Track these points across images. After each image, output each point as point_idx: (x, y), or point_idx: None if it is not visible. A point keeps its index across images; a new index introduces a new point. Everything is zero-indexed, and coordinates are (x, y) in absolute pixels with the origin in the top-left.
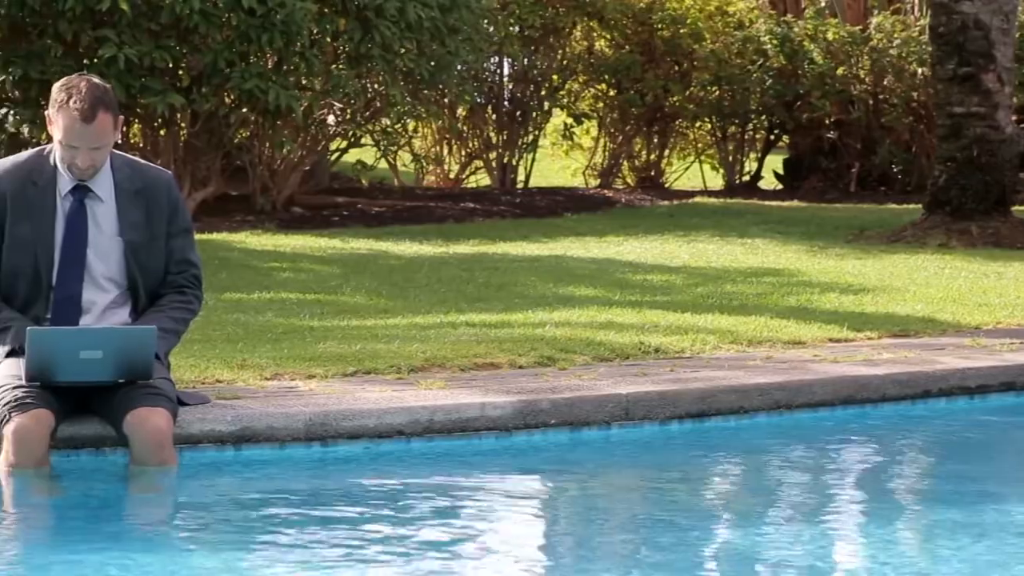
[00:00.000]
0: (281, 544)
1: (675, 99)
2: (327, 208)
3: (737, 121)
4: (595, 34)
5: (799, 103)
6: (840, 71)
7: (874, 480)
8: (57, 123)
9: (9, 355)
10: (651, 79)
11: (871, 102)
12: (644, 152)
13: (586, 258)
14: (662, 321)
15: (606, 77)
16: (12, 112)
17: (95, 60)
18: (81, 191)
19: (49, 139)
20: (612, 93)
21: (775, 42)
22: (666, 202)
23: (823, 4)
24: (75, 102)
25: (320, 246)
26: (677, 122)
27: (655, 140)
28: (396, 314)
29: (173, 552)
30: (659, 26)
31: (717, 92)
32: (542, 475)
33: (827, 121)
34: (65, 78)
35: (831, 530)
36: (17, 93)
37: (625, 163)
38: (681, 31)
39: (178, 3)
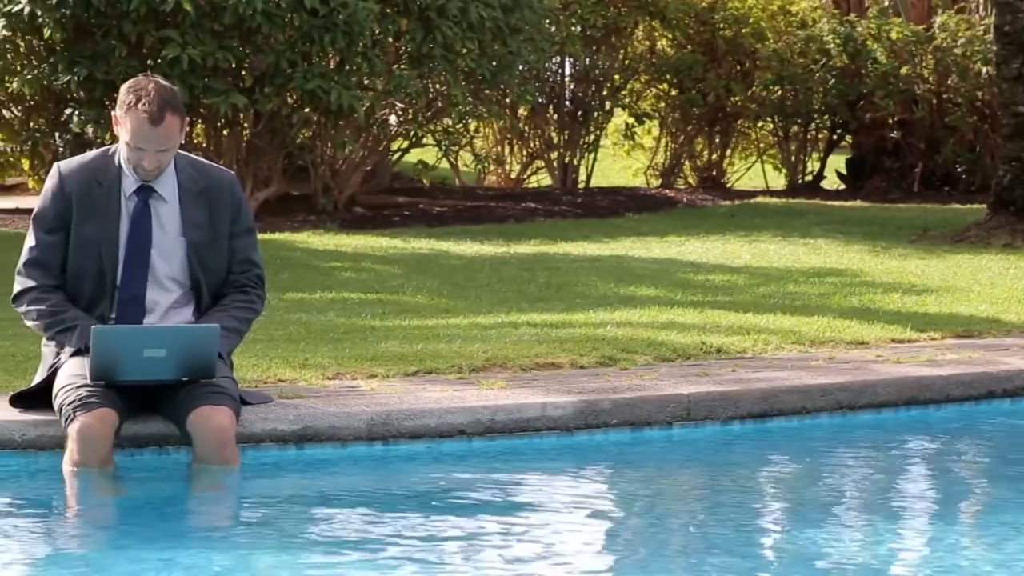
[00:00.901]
0: (343, 543)
1: (737, 99)
2: (388, 208)
3: (799, 121)
4: (657, 34)
5: (862, 102)
6: (904, 70)
7: (937, 482)
8: (125, 125)
9: (73, 354)
10: (713, 79)
11: (935, 101)
12: (706, 152)
13: (647, 258)
14: (724, 321)
15: (668, 77)
16: (77, 112)
17: (159, 60)
18: (145, 191)
19: (114, 139)
20: (674, 93)
21: (838, 41)
22: (728, 202)
23: (887, 3)
24: (143, 104)
25: (381, 246)
26: (739, 122)
27: (717, 140)
28: (457, 314)
29: (235, 551)
30: (721, 25)
31: (779, 92)
32: (603, 475)
33: (890, 121)
34: (133, 79)
35: (893, 532)
36: (82, 93)
37: (687, 163)
38: (743, 30)
39: (241, 3)
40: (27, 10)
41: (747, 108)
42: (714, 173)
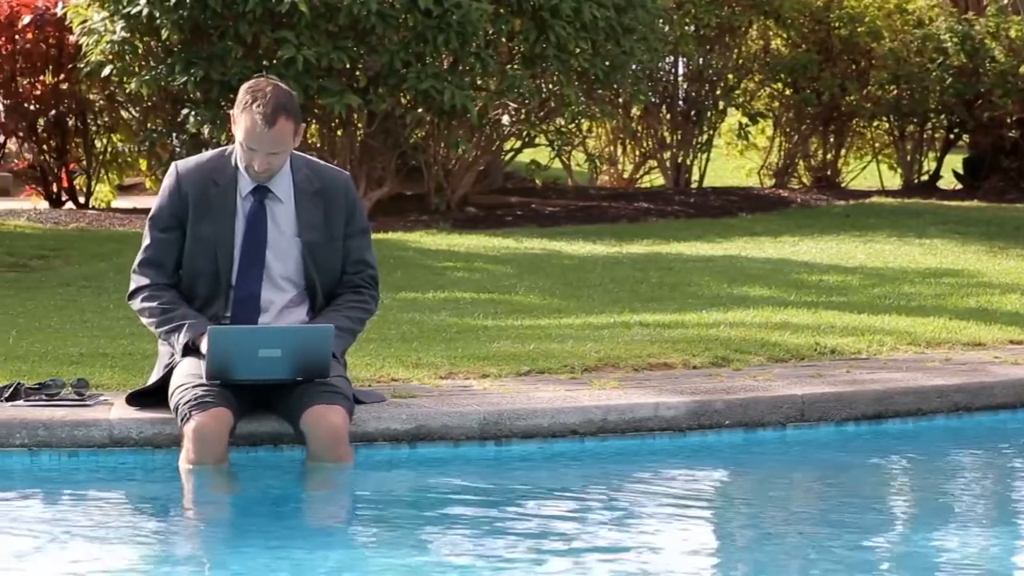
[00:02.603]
0: (454, 543)
1: (852, 98)
2: (501, 208)
3: (916, 120)
4: (771, 33)
5: (980, 101)
6: (1022, 69)
7: None
8: (239, 124)
9: (188, 354)
10: (828, 78)
11: None
12: (820, 151)
13: (761, 258)
14: (838, 322)
15: (782, 76)
16: (193, 113)
17: (274, 61)
18: (261, 192)
19: (229, 139)
20: (788, 92)
21: (955, 40)
22: (842, 202)
23: (1005, 1)
24: (258, 106)
25: (494, 246)
26: (854, 121)
27: (831, 139)
28: (569, 314)
29: (348, 548)
30: (836, 24)
31: (895, 91)
32: (716, 476)
33: (1008, 120)
34: (254, 80)
35: (1010, 535)
36: (198, 94)
37: (801, 163)
38: (859, 29)
39: (356, 4)
40: (145, 11)
41: (862, 107)
42: (828, 173)
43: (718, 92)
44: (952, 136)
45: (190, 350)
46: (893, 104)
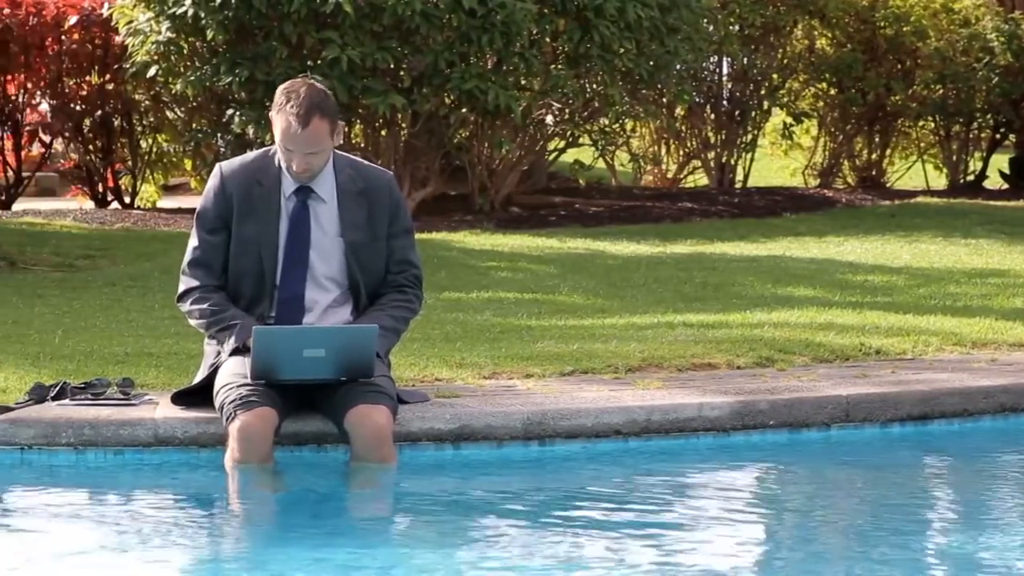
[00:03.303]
0: (499, 542)
1: (897, 98)
2: (544, 208)
3: (961, 120)
4: (816, 32)
5: None
6: None
7: None
8: (276, 125)
9: (234, 353)
10: (873, 78)
11: None
12: (865, 151)
13: (805, 258)
14: (883, 322)
15: (827, 76)
16: (238, 113)
17: (318, 62)
18: (304, 192)
19: (274, 139)
20: (833, 92)
21: (1002, 39)
22: (887, 202)
23: None
24: (292, 107)
25: (538, 245)
26: (899, 121)
27: (876, 139)
28: (613, 314)
29: (392, 548)
30: (882, 24)
31: (941, 91)
32: (760, 476)
33: None
34: (289, 81)
35: None
36: (243, 94)
37: (845, 162)
38: (904, 29)
39: (400, 4)
40: (191, 12)
41: (908, 107)
42: (873, 173)
43: (762, 92)
44: (998, 136)
45: (239, 351)
46: (939, 104)
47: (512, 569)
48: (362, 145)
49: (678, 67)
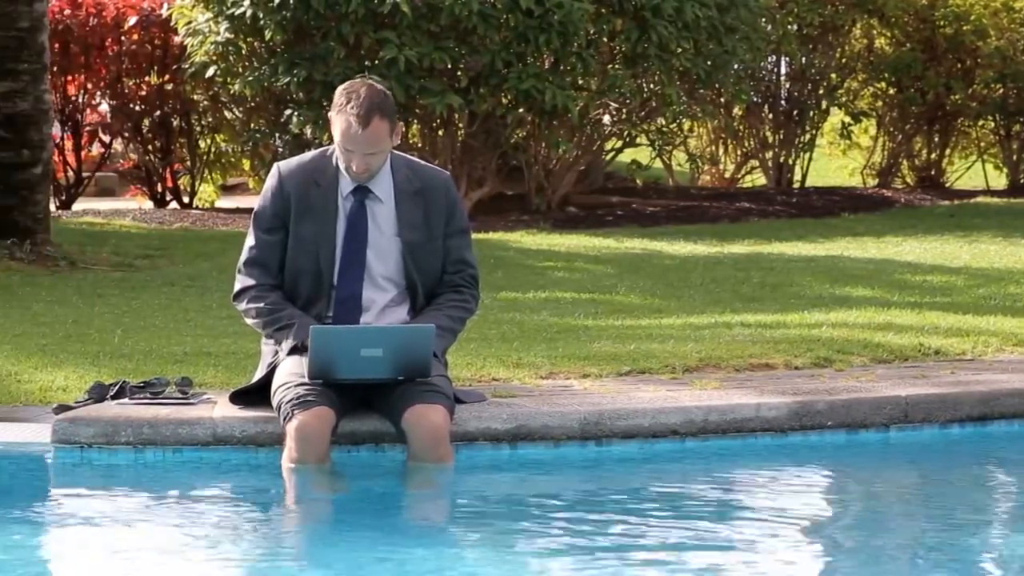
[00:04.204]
0: (556, 542)
1: (957, 97)
2: (601, 208)
3: (1022, 119)
4: (875, 32)
5: None
6: None
7: None
8: (335, 125)
9: (291, 353)
10: (932, 77)
11: None
12: (924, 151)
13: (863, 258)
14: (942, 323)
15: (886, 75)
16: (296, 113)
17: (376, 62)
18: (361, 192)
19: (332, 140)
20: (892, 91)
21: None
22: (947, 202)
23: None
24: (352, 107)
25: (594, 245)
26: (959, 120)
27: (936, 139)
28: (670, 314)
29: (449, 548)
30: (941, 23)
31: (1001, 90)
32: (818, 476)
33: None
34: (349, 81)
35: None
36: (301, 95)
37: (904, 162)
38: (964, 28)
39: (457, 4)
40: (249, 12)
41: (967, 107)
42: (933, 173)
43: (821, 91)
44: None
45: (296, 350)
46: (999, 103)
47: (569, 570)
48: (419, 145)
49: (736, 67)
